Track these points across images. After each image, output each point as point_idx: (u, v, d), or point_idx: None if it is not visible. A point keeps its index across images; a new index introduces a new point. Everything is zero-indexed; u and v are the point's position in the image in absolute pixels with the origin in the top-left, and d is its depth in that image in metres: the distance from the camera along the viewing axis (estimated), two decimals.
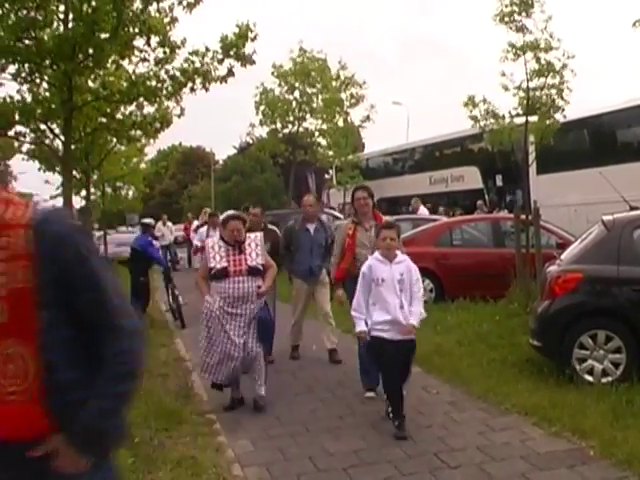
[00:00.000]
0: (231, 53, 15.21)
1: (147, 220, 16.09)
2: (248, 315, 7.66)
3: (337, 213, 27.93)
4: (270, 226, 11.39)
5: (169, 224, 29.47)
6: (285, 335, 10.46)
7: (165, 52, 15.37)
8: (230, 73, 15.67)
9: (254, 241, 7.94)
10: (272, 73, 41.62)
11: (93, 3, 13.05)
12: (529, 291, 11.79)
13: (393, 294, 6.78)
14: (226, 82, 15.62)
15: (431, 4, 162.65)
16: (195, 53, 15.26)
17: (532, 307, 9.65)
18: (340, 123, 40.26)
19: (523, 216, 13.26)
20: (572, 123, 20.39)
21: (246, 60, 15.38)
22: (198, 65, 15.09)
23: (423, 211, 23.65)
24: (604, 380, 7.96)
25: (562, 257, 9.20)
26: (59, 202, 26.42)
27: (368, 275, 6.94)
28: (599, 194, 18.29)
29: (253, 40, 15.38)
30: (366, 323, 6.89)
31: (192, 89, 15.61)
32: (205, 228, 14.79)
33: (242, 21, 15.31)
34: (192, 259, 24.27)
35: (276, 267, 8.29)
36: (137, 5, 14.02)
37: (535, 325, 8.76)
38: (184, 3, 14.81)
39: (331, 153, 40.51)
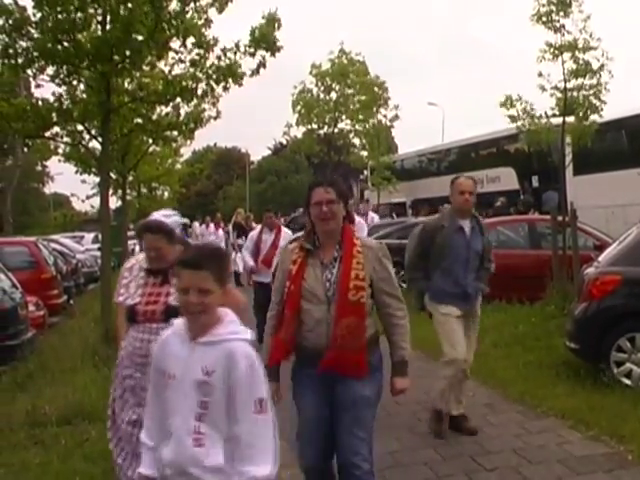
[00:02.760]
0: (261, 44, 15.26)
1: (183, 220, 16.22)
2: None
3: (374, 214, 27.97)
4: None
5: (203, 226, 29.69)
6: None
7: (200, 53, 15.46)
8: (262, 65, 15.73)
9: None
10: (310, 72, 41.68)
11: (130, 5, 13.16)
12: (566, 293, 11.69)
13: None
14: (258, 73, 15.65)
15: (469, 5, 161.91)
16: (228, 50, 15.33)
17: (569, 309, 9.58)
18: (374, 124, 40.20)
19: (560, 218, 13.16)
20: (610, 123, 20.17)
21: (274, 48, 15.43)
22: (232, 61, 15.16)
23: (373, 216, 24.70)
24: None
25: (599, 259, 9.12)
26: (95, 202, 26.69)
27: None
28: (637, 195, 18.12)
29: (279, 29, 15.41)
30: None
31: (225, 87, 15.67)
32: (257, 231, 12.28)
33: (267, 11, 15.37)
34: None
35: (245, 304, 5.09)
36: (174, 7, 14.12)
37: (572, 327, 8.69)
38: (216, 5, 14.89)
39: (365, 154, 40.42)
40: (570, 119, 14.83)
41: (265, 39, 14.94)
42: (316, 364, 4.20)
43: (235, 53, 14.93)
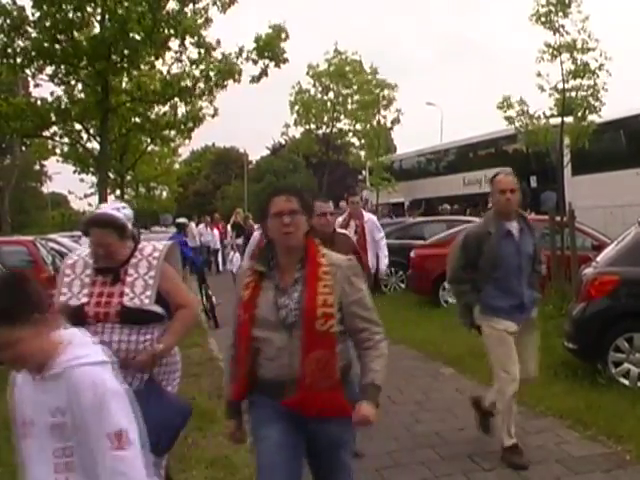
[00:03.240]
0: (265, 54, 15.28)
1: (181, 220, 16.23)
2: None
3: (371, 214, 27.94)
4: (341, 230, 7.67)
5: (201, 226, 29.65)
6: None
7: (200, 53, 15.47)
8: (264, 73, 15.75)
9: (147, 259, 4.49)
10: (307, 73, 41.70)
11: (127, 4, 13.16)
12: (564, 293, 11.68)
13: None
14: (258, 81, 15.69)
15: (467, 5, 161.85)
16: (230, 55, 15.34)
17: (567, 309, 9.57)
18: (373, 124, 40.21)
19: (558, 218, 13.15)
20: (608, 124, 20.18)
21: (280, 60, 15.45)
22: (233, 65, 15.17)
23: None
24: None
25: (598, 259, 9.12)
26: (94, 201, 26.67)
27: None
28: (635, 196, 18.12)
29: (285, 40, 15.44)
30: None
31: (224, 86, 15.68)
32: (259, 232, 11.75)
33: (275, 22, 15.40)
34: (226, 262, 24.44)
35: (197, 309, 5.04)
36: (172, 6, 14.12)
37: (570, 328, 8.69)
38: (218, 4, 14.90)
39: (364, 154, 40.44)
40: (569, 119, 14.85)
41: (270, 48, 14.98)
42: (280, 396, 3.56)
43: (237, 57, 14.97)
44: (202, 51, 15.22)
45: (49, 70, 14.45)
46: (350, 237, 7.00)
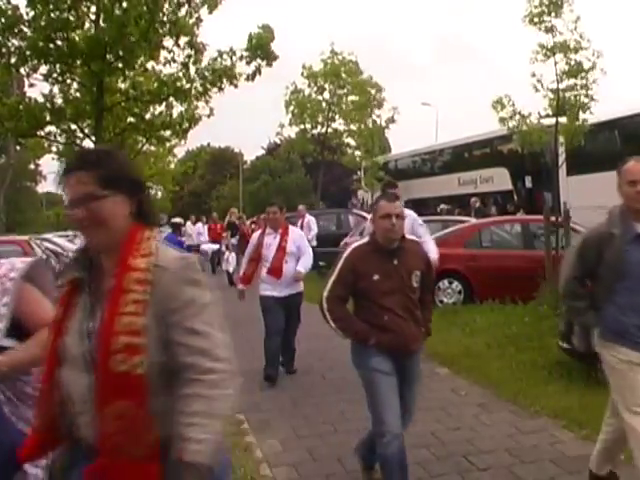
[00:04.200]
0: (258, 53, 15.32)
1: (177, 220, 16.29)
2: None
3: (364, 214, 28.01)
4: (410, 236, 5.88)
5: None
6: (313, 336, 10.44)
7: (192, 53, 15.49)
8: (257, 72, 15.78)
9: (1, 281, 3.34)
10: (302, 74, 41.69)
11: (124, 4, 13.16)
12: (559, 293, 11.70)
13: None
14: (253, 80, 15.71)
15: (462, 6, 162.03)
16: (224, 53, 15.37)
17: (562, 309, 9.58)
18: (368, 124, 40.21)
19: (553, 218, 13.17)
20: (603, 124, 20.21)
21: (271, 58, 15.49)
22: (227, 63, 15.19)
23: (309, 219, 21.05)
24: None
25: None
26: None
27: None
28: None
29: (273, 40, 15.50)
30: None
31: (220, 88, 15.70)
32: (258, 233, 10.06)
33: (263, 22, 15.50)
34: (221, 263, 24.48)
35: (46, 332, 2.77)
36: (167, 7, 14.13)
37: (565, 327, 8.69)
38: (207, 4, 14.94)
39: (359, 154, 40.45)
40: (563, 119, 14.86)
41: (262, 48, 15.03)
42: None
43: (231, 57, 15.00)
44: (194, 52, 15.24)
45: (44, 69, 14.44)
46: (421, 244, 5.85)
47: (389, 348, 5.02)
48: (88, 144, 18.54)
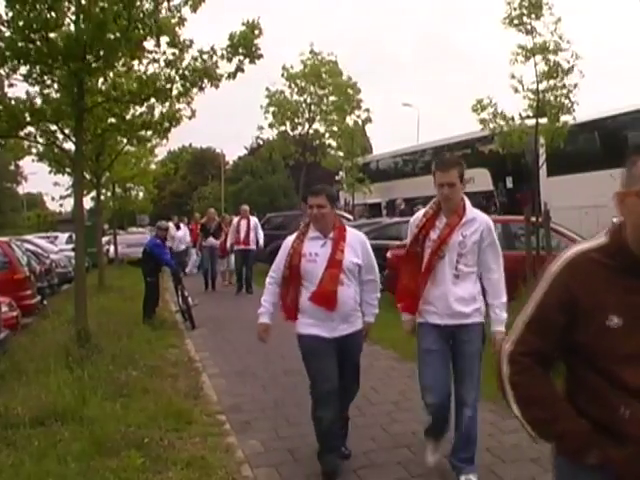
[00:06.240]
0: (240, 50, 15.29)
1: (162, 224, 16.28)
2: None
3: (347, 214, 28.08)
4: None
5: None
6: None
7: (174, 53, 15.44)
8: (239, 69, 15.75)
9: None
10: (282, 75, 41.59)
11: (102, 4, 13.11)
12: None
13: None
14: (234, 78, 15.68)
15: (444, 6, 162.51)
16: (204, 52, 15.33)
17: None
18: (349, 125, 40.20)
19: (533, 218, 13.23)
20: (583, 125, 20.32)
21: (254, 55, 15.47)
22: (208, 63, 15.17)
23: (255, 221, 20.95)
24: None
25: None
26: (69, 203, 26.52)
27: None
28: (610, 196, 18.27)
29: (259, 37, 15.48)
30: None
31: (201, 88, 15.67)
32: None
33: (248, 18, 15.42)
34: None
35: None
36: (147, 6, 14.08)
37: None
38: (189, 3, 14.90)
39: (341, 154, 40.47)
40: (543, 120, 14.96)
41: (245, 45, 14.98)
42: None
43: (211, 56, 14.95)
44: (177, 51, 15.18)
45: (23, 70, 14.36)
46: None
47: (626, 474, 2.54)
48: (69, 145, 18.49)
